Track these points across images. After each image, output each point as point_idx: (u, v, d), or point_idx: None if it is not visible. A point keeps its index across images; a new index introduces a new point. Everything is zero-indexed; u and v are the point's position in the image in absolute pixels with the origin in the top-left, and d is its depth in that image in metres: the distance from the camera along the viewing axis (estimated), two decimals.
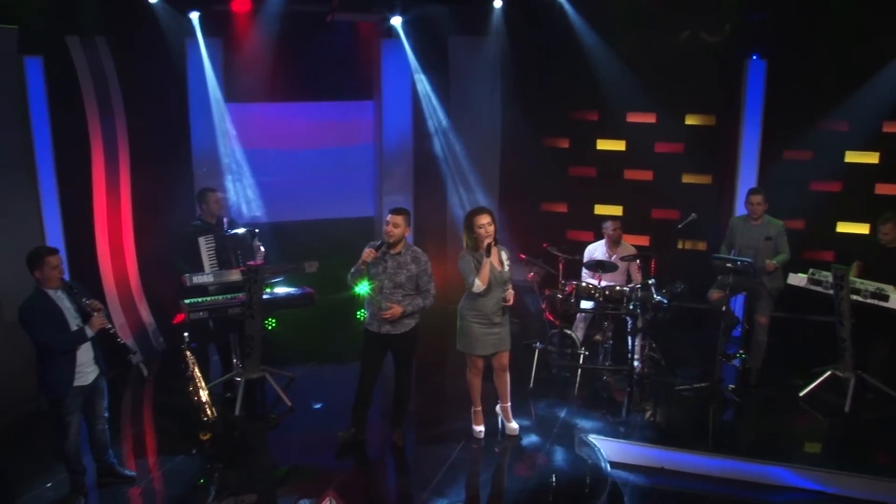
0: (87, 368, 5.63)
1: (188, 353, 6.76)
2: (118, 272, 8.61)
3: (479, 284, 6.12)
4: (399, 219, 6.20)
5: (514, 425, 6.72)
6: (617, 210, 9.46)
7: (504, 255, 6.33)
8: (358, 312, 9.51)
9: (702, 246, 9.25)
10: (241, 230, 7.67)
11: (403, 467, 6.60)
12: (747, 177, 8.96)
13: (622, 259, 7.93)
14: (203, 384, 6.77)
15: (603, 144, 9.70)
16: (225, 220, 7.77)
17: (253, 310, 7.11)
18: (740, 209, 8.16)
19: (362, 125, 10.31)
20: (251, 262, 7.05)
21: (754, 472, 6.20)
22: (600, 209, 9.64)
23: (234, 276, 7.23)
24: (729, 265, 7.26)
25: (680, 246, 8.55)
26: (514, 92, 9.67)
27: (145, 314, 8.89)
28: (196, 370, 6.76)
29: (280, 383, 7.55)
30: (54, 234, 7.66)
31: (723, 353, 7.36)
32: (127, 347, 6.04)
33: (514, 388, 6.79)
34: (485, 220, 6.13)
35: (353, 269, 6.25)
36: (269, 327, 9.54)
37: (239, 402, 7.20)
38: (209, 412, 6.68)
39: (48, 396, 5.59)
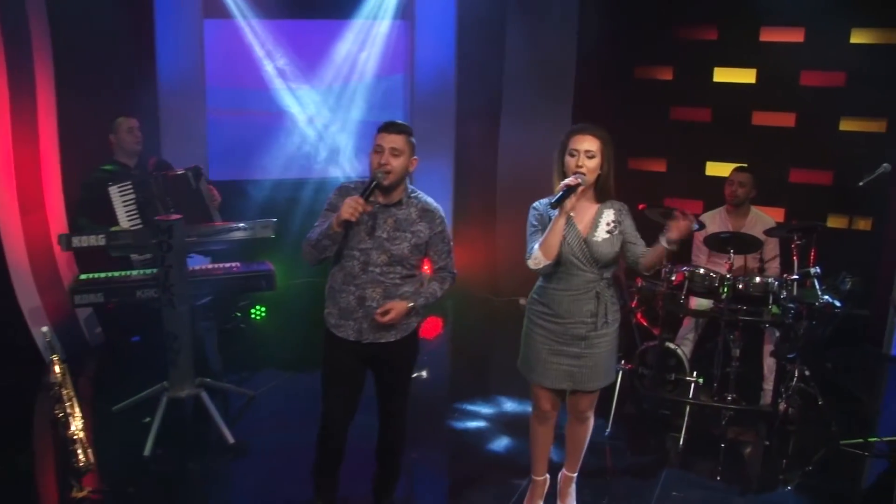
0: None
1: (56, 358, 4.34)
2: (34, 235, 6.34)
3: (537, 256, 3.64)
4: (400, 140, 3.65)
5: None
6: None
7: (610, 216, 3.78)
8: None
9: (865, 224, 6.86)
10: (179, 171, 5.56)
11: None
12: None
13: (768, 233, 5.45)
14: (76, 409, 4.30)
15: (723, 75, 7.39)
16: (152, 160, 5.78)
17: (171, 293, 4.60)
18: None
19: (387, 54, 8.03)
20: (161, 217, 4.59)
21: None
22: (714, 168, 7.28)
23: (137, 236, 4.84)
24: None
25: (837, 224, 6.68)
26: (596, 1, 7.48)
27: None
28: (67, 386, 4.32)
29: (232, 405, 5.46)
30: None
31: None
32: None
33: None
34: (586, 143, 3.67)
35: (315, 235, 3.70)
36: (258, 318, 7.45)
37: (152, 436, 4.80)
38: (81, 455, 4.22)
39: None
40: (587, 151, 3.62)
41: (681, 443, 5.08)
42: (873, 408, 5.81)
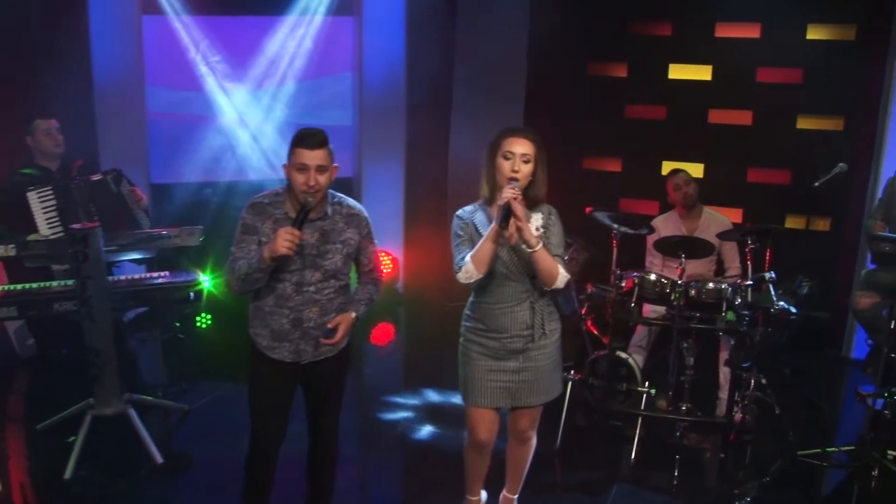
0: None
1: None
2: None
3: (468, 269, 3.37)
4: (323, 155, 3.36)
5: None
6: (697, 169, 6.85)
7: (538, 221, 3.48)
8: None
9: (823, 225, 6.68)
10: (97, 176, 5.19)
11: None
12: None
13: (721, 237, 5.21)
14: None
15: (678, 72, 7.12)
16: (77, 163, 5.40)
17: (90, 305, 4.32)
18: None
19: (335, 51, 7.66)
20: (76, 225, 4.30)
21: None
22: (670, 168, 6.81)
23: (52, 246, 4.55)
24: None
25: (795, 225, 6.44)
26: None
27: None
28: None
29: (169, 420, 5.23)
30: None
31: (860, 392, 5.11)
32: None
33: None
34: (522, 146, 3.38)
35: (241, 267, 3.39)
36: (204, 326, 7.09)
37: (74, 458, 4.50)
38: None
39: None
40: (523, 155, 3.36)
41: (633, 456, 4.85)
42: (832, 415, 5.64)
